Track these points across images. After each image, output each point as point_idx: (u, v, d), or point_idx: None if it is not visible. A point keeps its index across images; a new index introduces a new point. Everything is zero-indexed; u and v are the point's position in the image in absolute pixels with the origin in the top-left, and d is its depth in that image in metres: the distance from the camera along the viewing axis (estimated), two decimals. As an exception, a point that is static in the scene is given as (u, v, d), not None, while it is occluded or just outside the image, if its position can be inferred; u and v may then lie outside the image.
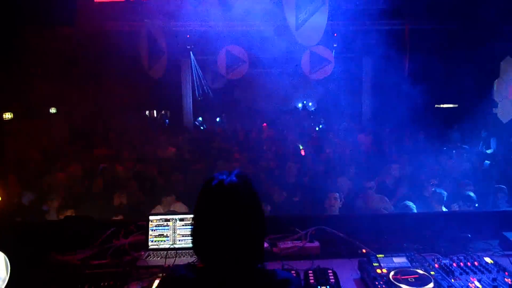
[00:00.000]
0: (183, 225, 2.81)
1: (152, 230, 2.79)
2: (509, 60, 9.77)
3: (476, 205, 4.67)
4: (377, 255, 2.33)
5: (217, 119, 15.24)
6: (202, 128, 14.20)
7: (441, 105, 12.04)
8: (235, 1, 7.62)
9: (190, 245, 1.53)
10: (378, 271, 2.18)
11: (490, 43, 9.73)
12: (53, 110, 11.70)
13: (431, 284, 2.03)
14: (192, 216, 1.56)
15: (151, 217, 2.82)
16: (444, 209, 4.91)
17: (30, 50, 9.67)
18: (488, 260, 2.32)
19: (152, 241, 2.77)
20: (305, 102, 18.43)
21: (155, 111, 18.13)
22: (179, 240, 2.77)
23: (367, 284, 2.15)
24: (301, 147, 9.83)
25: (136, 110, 15.60)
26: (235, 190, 1.44)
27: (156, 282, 2.24)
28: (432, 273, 2.15)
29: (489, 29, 9.26)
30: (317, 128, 13.54)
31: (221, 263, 1.42)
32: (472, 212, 3.31)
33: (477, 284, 2.07)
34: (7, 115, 9.53)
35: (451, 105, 12.05)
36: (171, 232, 2.79)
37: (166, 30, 9.68)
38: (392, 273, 2.14)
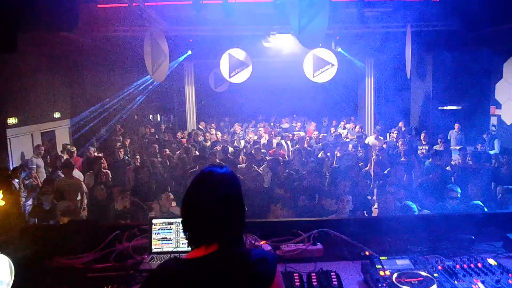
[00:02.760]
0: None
1: (155, 234, 2.78)
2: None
3: (485, 209, 4.61)
4: (380, 257, 2.32)
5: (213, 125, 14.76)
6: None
7: (445, 107, 11.99)
8: (238, 5, 7.65)
9: None
10: (381, 273, 2.17)
11: (493, 44, 9.70)
12: (57, 115, 11.76)
13: (435, 286, 2.02)
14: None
15: (154, 221, 2.81)
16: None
17: (34, 55, 9.76)
18: (491, 261, 2.31)
19: (155, 244, 2.77)
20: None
21: (158, 115, 18.21)
22: (183, 243, 2.75)
23: (370, 287, 2.14)
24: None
25: (140, 114, 15.69)
26: (225, 178, 1.58)
27: None
28: (436, 275, 2.14)
29: (492, 29, 9.23)
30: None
31: (203, 241, 1.52)
32: (475, 214, 3.29)
33: (481, 286, 2.06)
34: (12, 120, 9.59)
35: (454, 107, 11.99)
36: (174, 235, 2.79)
37: (169, 34, 9.74)
38: (395, 275, 2.13)
